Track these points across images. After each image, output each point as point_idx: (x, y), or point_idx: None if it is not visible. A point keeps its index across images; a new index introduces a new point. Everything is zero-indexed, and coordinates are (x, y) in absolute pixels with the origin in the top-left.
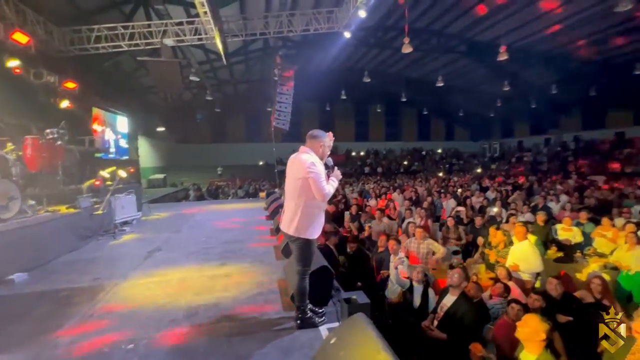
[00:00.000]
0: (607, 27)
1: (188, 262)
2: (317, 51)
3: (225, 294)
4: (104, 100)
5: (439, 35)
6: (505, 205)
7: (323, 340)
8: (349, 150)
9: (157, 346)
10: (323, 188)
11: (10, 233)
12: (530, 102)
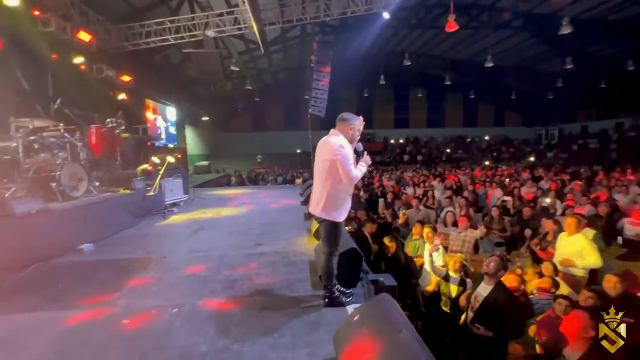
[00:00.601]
0: None
1: (227, 240)
2: (355, 36)
3: (258, 271)
4: (155, 91)
5: (490, 10)
6: (561, 196)
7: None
8: (387, 137)
9: (198, 312)
10: (350, 171)
11: (80, 209)
12: (598, 82)
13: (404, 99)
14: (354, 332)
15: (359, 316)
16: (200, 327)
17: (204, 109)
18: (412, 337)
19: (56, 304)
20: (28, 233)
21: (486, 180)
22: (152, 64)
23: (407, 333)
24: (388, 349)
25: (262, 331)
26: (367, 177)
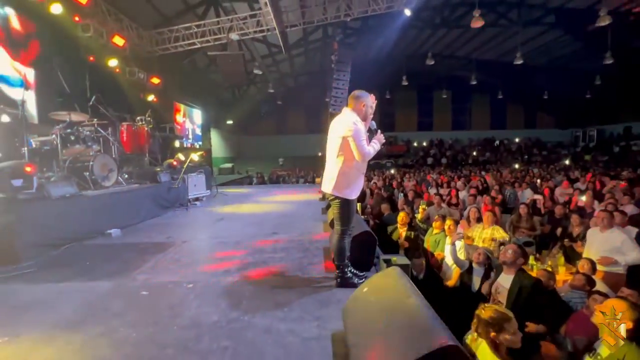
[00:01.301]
0: None
1: (244, 229)
2: (376, 37)
3: (273, 255)
4: (182, 94)
5: (520, 6)
6: (600, 197)
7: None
8: (409, 140)
9: (212, 288)
10: (363, 147)
11: (110, 196)
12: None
13: (427, 101)
14: (362, 301)
15: (368, 287)
16: (212, 300)
17: (228, 113)
18: (421, 303)
19: (83, 277)
20: (62, 216)
21: (515, 182)
22: (180, 68)
23: (416, 298)
24: (396, 315)
25: (272, 306)
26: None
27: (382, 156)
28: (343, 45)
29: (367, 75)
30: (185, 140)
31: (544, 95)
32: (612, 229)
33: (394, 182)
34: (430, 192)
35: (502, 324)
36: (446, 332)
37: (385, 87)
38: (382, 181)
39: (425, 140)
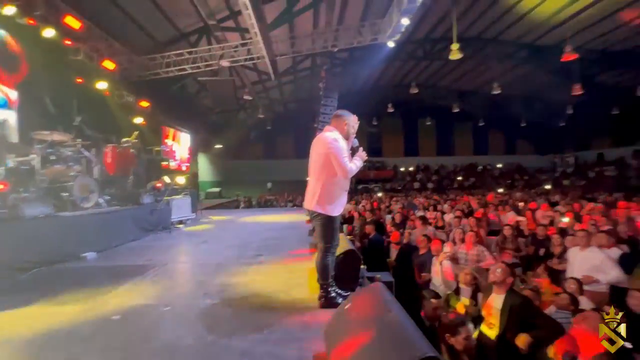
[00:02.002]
0: None
1: (228, 252)
2: (363, 67)
3: (256, 277)
4: (171, 118)
5: (494, 43)
6: (579, 217)
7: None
8: (396, 165)
9: (189, 310)
10: (345, 163)
11: (87, 218)
12: (610, 109)
13: (413, 128)
14: (343, 318)
15: (349, 304)
16: (189, 323)
17: (217, 137)
18: (401, 316)
19: (49, 301)
20: (34, 237)
21: (499, 205)
22: (170, 92)
23: (397, 313)
24: (377, 330)
25: (253, 328)
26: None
27: (370, 181)
28: (331, 74)
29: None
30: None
31: (522, 123)
32: (591, 247)
33: (382, 205)
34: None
35: (457, 327)
36: (426, 344)
37: (372, 115)
38: (370, 205)
39: (411, 165)
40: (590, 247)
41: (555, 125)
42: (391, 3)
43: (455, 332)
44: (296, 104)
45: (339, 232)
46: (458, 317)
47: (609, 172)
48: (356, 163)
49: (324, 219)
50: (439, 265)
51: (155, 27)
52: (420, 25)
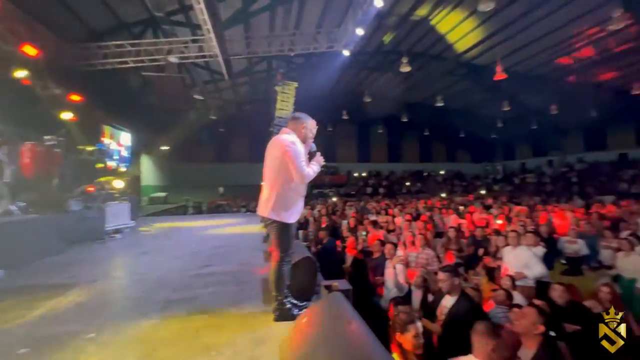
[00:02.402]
0: (603, 49)
1: (172, 263)
2: (319, 73)
3: (204, 291)
4: (109, 115)
5: (438, 59)
6: (509, 219)
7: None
8: (350, 171)
9: (120, 335)
10: (302, 168)
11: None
12: (531, 124)
13: (366, 135)
14: (301, 335)
15: (307, 318)
16: (120, 352)
17: (163, 137)
18: (361, 328)
19: None
20: None
21: (442, 208)
22: (109, 87)
23: (356, 324)
24: (337, 344)
25: (198, 350)
26: (331, 207)
27: (324, 185)
28: (287, 78)
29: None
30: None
31: (461, 133)
32: (521, 246)
33: (337, 210)
34: (370, 218)
35: (406, 325)
36: (387, 356)
37: (327, 121)
38: (325, 209)
39: (364, 171)
40: (520, 246)
41: (488, 136)
42: (347, 13)
43: (404, 330)
44: (251, 106)
45: (295, 240)
46: (408, 315)
47: (530, 179)
48: (313, 168)
49: (280, 226)
50: (392, 268)
51: (91, 13)
52: (373, 38)
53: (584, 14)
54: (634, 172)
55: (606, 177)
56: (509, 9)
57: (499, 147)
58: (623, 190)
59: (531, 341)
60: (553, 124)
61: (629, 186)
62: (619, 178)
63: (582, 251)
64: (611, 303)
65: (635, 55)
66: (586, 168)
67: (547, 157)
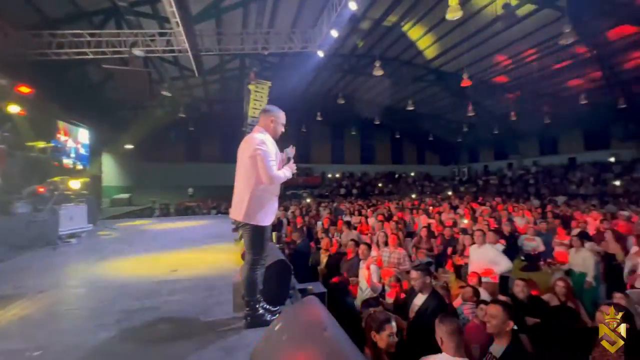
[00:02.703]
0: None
1: (136, 268)
2: (293, 73)
3: (170, 298)
4: (65, 110)
5: (409, 65)
6: (475, 219)
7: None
8: (324, 172)
9: (72, 352)
10: (270, 168)
11: None
12: (493, 129)
13: (339, 137)
14: (274, 343)
15: (280, 324)
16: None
17: (127, 135)
18: (337, 334)
19: None
20: None
21: (413, 209)
22: (65, 79)
23: (332, 330)
24: (312, 351)
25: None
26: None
27: (298, 186)
28: (261, 77)
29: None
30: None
31: (430, 137)
32: (486, 244)
33: (311, 211)
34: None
35: (382, 324)
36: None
37: (301, 121)
38: (299, 210)
39: (338, 172)
40: (486, 244)
41: (454, 140)
42: (321, 14)
43: (380, 328)
44: (223, 105)
45: (269, 242)
46: (383, 314)
47: (493, 181)
48: (285, 172)
49: (254, 228)
50: (366, 269)
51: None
52: (347, 40)
53: (539, 28)
54: (581, 175)
55: (558, 179)
56: (472, 20)
57: (464, 150)
58: (572, 191)
59: (502, 338)
60: (512, 130)
61: (577, 187)
62: (568, 180)
63: (539, 248)
64: (566, 296)
65: (580, 68)
66: (540, 171)
67: (507, 161)
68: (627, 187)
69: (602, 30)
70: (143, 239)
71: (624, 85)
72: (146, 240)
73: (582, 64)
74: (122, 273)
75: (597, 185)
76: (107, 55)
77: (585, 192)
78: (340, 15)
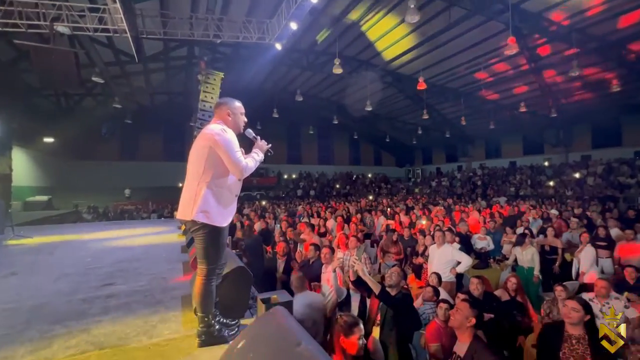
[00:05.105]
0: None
1: (58, 285)
2: (248, 66)
3: (103, 318)
4: None
5: (367, 65)
6: (431, 219)
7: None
8: (280, 172)
9: None
10: (238, 159)
11: None
12: (445, 133)
13: (296, 135)
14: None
15: (244, 342)
16: None
17: (47, 128)
18: (313, 349)
19: None
20: None
21: (371, 209)
22: None
23: (306, 344)
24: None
25: None
26: (260, 210)
27: (253, 187)
28: (212, 67)
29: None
30: None
31: (387, 138)
32: (445, 245)
33: (267, 213)
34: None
35: (351, 328)
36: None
37: (256, 118)
38: (255, 213)
39: (294, 172)
40: (445, 243)
41: (410, 142)
42: (280, 4)
43: (348, 333)
44: (167, 97)
45: (225, 248)
46: (351, 317)
47: (444, 182)
48: (254, 157)
49: (209, 231)
50: (330, 272)
51: None
52: (307, 35)
53: (488, 38)
54: (520, 177)
55: (501, 181)
56: (429, 24)
57: (419, 152)
58: (512, 192)
59: (464, 334)
60: (462, 134)
61: (517, 189)
62: (509, 182)
63: (490, 246)
64: (516, 292)
65: (522, 79)
66: (486, 173)
67: (457, 163)
68: (557, 189)
69: (534, 45)
70: (67, 248)
71: (554, 96)
72: (71, 250)
73: (523, 75)
74: (38, 291)
75: (534, 187)
76: (21, 29)
77: (524, 193)
78: (300, 7)
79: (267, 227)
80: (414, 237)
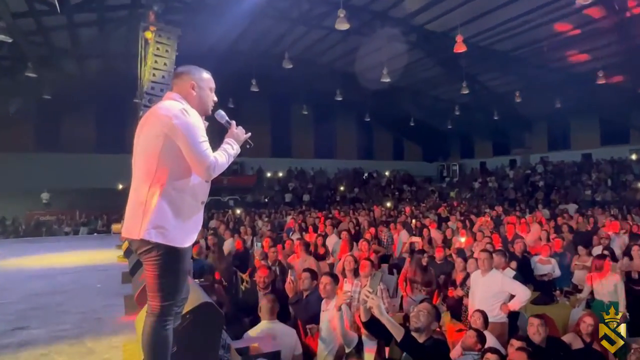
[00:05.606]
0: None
1: None
2: (215, 20)
3: None
4: None
5: (383, 18)
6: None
7: None
8: (261, 169)
9: None
10: (204, 151)
11: None
12: (492, 114)
13: (284, 117)
14: None
15: None
16: None
17: None
18: None
19: None
20: None
21: (389, 221)
22: None
23: None
24: None
25: None
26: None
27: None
28: (165, 21)
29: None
30: None
31: (411, 122)
32: (493, 271)
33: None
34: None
35: None
36: None
37: (227, 93)
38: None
39: (281, 169)
40: (492, 269)
41: (443, 127)
42: None
43: None
44: (102, 61)
45: (187, 277)
46: None
47: (491, 183)
48: (227, 150)
49: (163, 253)
50: (335, 312)
51: None
52: None
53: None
54: (597, 176)
55: (570, 181)
56: None
57: (455, 141)
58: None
59: None
60: (516, 116)
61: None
62: (582, 183)
63: (555, 272)
64: (592, 337)
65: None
66: (550, 170)
67: (509, 157)
68: None
69: None
70: None
71: None
72: None
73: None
74: None
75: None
76: None
77: (602, 198)
78: None
79: (244, 247)
80: (450, 261)
